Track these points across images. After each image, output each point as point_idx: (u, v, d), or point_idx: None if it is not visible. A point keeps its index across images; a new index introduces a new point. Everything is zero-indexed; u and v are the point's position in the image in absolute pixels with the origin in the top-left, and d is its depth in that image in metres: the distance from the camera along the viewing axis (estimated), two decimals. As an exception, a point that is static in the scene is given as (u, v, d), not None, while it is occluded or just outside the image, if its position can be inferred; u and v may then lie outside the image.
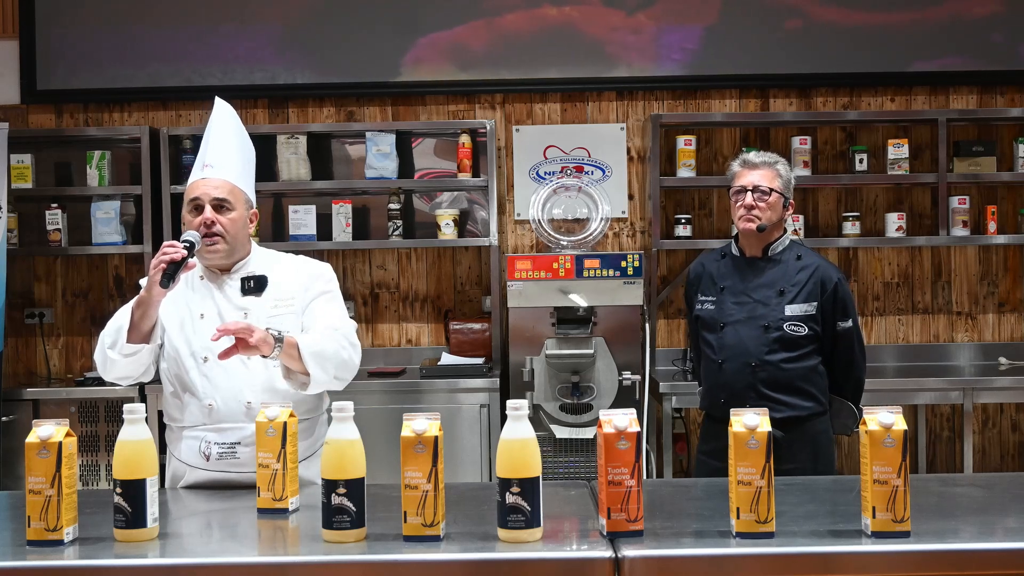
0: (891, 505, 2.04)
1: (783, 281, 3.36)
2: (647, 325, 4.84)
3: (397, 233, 5.19)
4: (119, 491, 2.12)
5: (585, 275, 4.74)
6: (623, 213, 5.38)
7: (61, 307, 5.43)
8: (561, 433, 4.70)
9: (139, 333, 2.72)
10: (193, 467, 2.80)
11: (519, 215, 5.38)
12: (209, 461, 2.78)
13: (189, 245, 2.70)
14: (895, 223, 5.20)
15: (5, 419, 4.81)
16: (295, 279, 2.91)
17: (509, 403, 2.11)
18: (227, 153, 2.89)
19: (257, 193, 3.03)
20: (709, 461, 3.39)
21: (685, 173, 5.17)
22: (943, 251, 5.40)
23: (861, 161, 5.20)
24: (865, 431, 2.07)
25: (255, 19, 5.39)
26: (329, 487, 2.08)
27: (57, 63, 5.38)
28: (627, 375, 4.69)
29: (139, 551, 2.09)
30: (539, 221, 5.10)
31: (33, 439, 2.12)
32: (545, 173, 5.38)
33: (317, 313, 2.86)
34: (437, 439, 2.07)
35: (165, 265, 2.62)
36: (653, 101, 5.41)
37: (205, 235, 2.79)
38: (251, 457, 2.53)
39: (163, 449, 2.78)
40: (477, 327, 5.20)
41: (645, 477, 2.31)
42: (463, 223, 5.33)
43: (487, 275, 5.33)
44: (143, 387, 4.69)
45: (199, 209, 2.81)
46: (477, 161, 5.26)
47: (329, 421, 2.16)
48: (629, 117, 5.42)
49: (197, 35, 5.38)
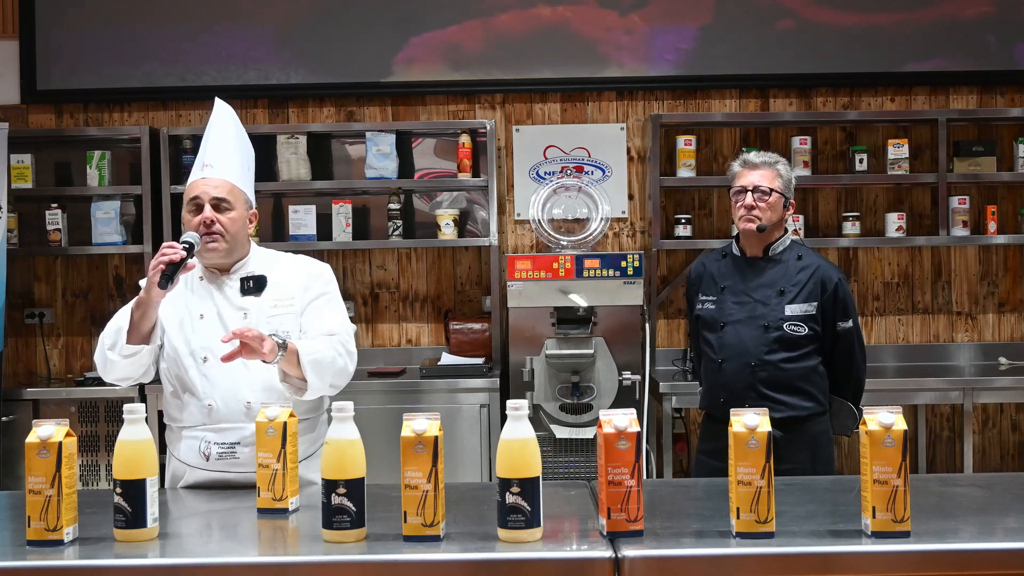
0: (891, 505, 2.04)
1: (783, 281, 3.36)
2: (647, 325, 4.84)
3: (397, 233, 5.19)
4: (119, 491, 2.12)
5: (585, 275, 4.74)
6: (623, 213, 5.38)
7: (61, 307, 5.43)
8: (561, 433, 4.70)
9: (139, 334, 2.72)
10: (193, 467, 2.80)
11: (519, 215, 5.38)
12: (209, 461, 2.78)
13: (188, 246, 2.70)
14: (895, 223, 5.20)
15: (5, 419, 4.81)
16: (295, 279, 2.91)
17: (509, 403, 2.11)
18: (227, 153, 2.89)
19: (257, 193, 3.03)
20: (709, 461, 3.39)
21: (685, 173, 5.17)
22: (943, 251, 5.40)
23: (861, 161, 5.20)
24: (865, 431, 2.07)
25: (255, 19, 5.39)
26: (329, 487, 2.08)
27: (57, 63, 5.38)
28: (627, 375, 4.69)
29: (139, 551, 2.09)
30: (539, 221, 5.10)
31: (33, 439, 2.12)
32: (545, 173, 5.38)
33: (315, 315, 2.86)
34: (437, 439, 2.07)
35: (164, 266, 2.62)
36: (653, 101, 5.41)
37: (204, 234, 2.79)
38: (251, 457, 2.54)
39: (163, 449, 2.78)
40: (477, 327, 5.20)
41: (645, 477, 2.31)
42: (463, 223, 5.33)
43: (487, 275, 5.33)
44: (143, 387, 4.69)
45: (199, 208, 2.81)
46: (477, 161, 5.26)
47: (329, 421, 2.17)
48: (629, 117, 5.42)
49: (197, 35, 5.38)
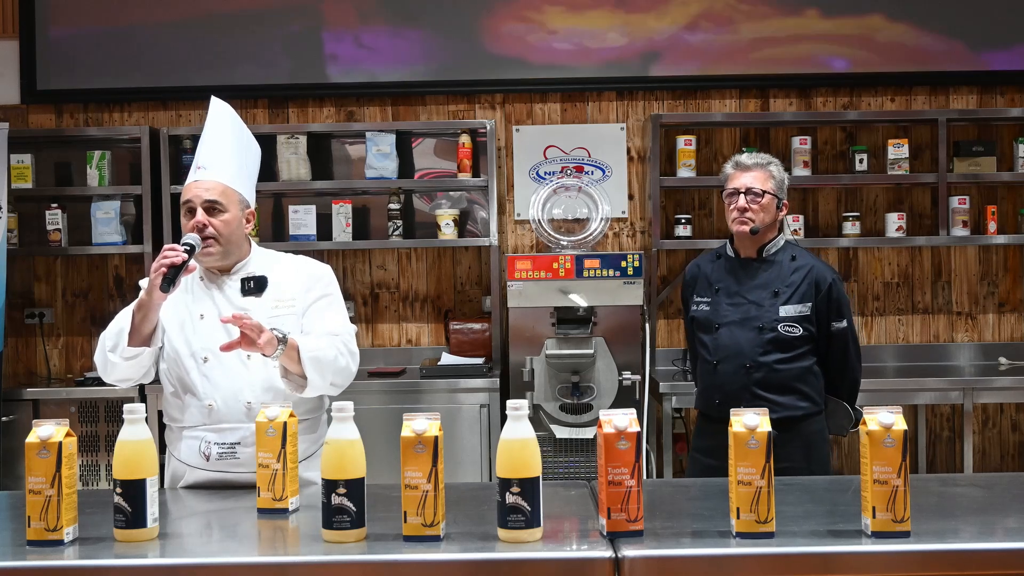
0: (891, 505, 2.04)
1: (777, 282, 3.36)
2: (647, 325, 4.84)
3: (397, 233, 5.19)
4: (119, 491, 2.12)
5: (585, 275, 4.74)
6: (623, 213, 5.38)
7: (61, 307, 5.43)
8: (561, 433, 4.70)
9: (140, 336, 2.72)
10: (193, 467, 2.80)
11: (519, 215, 5.38)
12: (209, 461, 2.77)
13: (189, 248, 2.69)
14: (895, 223, 5.20)
15: (5, 419, 4.81)
16: (295, 279, 2.90)
17: (509, 403, 2.11)
18: (221, 154, 2.87)
19: (257, 193, 3.02)
20: (702, 459, 3.40)
21: (685, 173, 5.17)
22: (943, 251, 5.40)
23: (861, 161, 5.20)
24: (865, 431, 2.07)
25: (255, 19, 5.39)
26: (329, 487, 2.08)
27: (57, 63, 5.38)
28: (627, 375, 4.69)
29: (139, 551, 2.09)
30: (539, 221, 5.10)
31: (33, 439, 2.12)
32: (545, 173, 5.38)
33: (317, 317, 2.86)
34: (437, 439, 2.07)
35: (166, 269, 2.62)
36: (653, 101, 5.41)
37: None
38: (251, 457, 2.53)
39: (163, 449, 2.78)
40: (477, 327, 5.20)
41: (645, 477, 2.31)
42: (463, 223, 5.33)
43: (487, 275, 5.33)
44: (143, 387, 4.69)
45: (192, 212, 2.80)
46: (477, 161, 5.26)
47: (329, 421, 2.17)
48: (629, 117, 5.42)
49: (197, 35, 5.38)
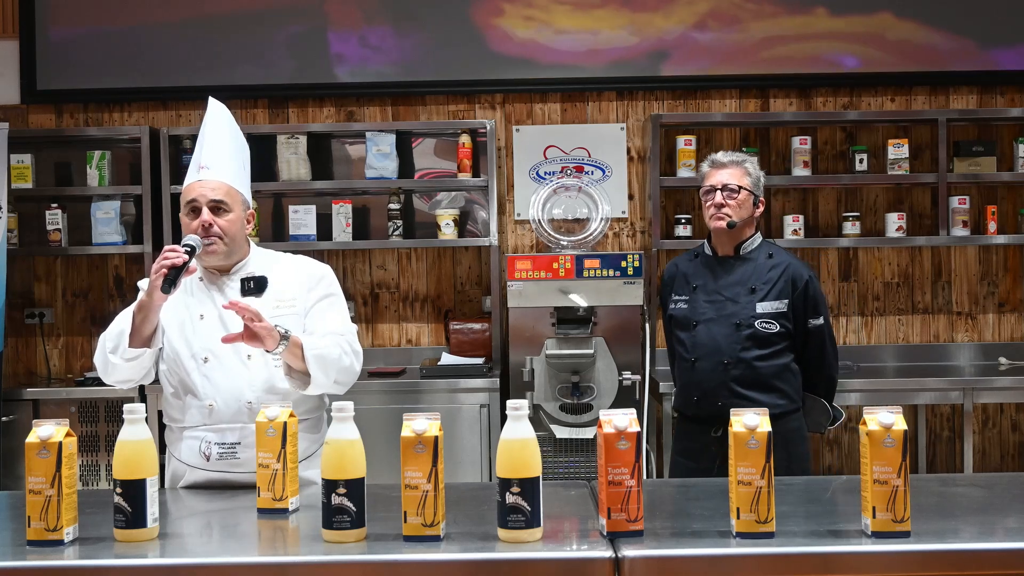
0: (891, 505, 2.04)
1: (755, 279, 3.40)
2: (647, 325, 4.83)
3: (397, 233, 5.19)
4: (119, 491, 2.12)
5: (585, 275, 4.74)
6: (623, 213, 5.38)
7: (61, 307, 5.43)
8: (561, 433, 4.70)
9: (140, 337, 2.72)
10: (193, 467, 2.80)
11: (519, 215, 5.38)
12: (209, 461, 2.78)
13: (190, 249, 2.70)
14: (895, 223, 5.20)
15: (5, 419, 4.81)
16: (295, 279, 2.91)
17: (509, 403, 2.11)
18: (223, 154, 2.87)
19: (257, 193, 3.04)
20: (684, 462, 3.43)
21: (685, 173, 5.17)
22: (943, 251, 5.40)
23: (861, 161, 5.20)
24: (865, 431, 2.07)
25: (255, 19, 5.39)
26: (329, 487, 2.08)
27: (57, 63, 5.38)
28: (627, 375, 4.69)
29: (139, 551, 2.09)
30: (539, 221, 5.10)
31: (33, 439, 2.12)
32: (545, 173, 5.38)
33: (319, 317, 2.87)
34: (437, 439, 2.07)
35: (167, 270, 2.62)
36: (653, 101, 5.41)
37: (203, 237, 2.79)
38: (251, 457, 2.53)
39: (163, 449, 2.78)
40: (477, 327, 5.20)
41: (645, 477, 2.31)
42: (463, 223, 5.33)
43: (487, 275, 5.33)
44: (143, 387, 4.69)
45: (196, 212, 2.80)
46: (477, 161, 5.26)
47: (329, 421, 2.17)
48: (629, 117, 5.42)
49: (197, 35, 5.38)
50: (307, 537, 2.23)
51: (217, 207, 2.81)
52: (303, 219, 5.18)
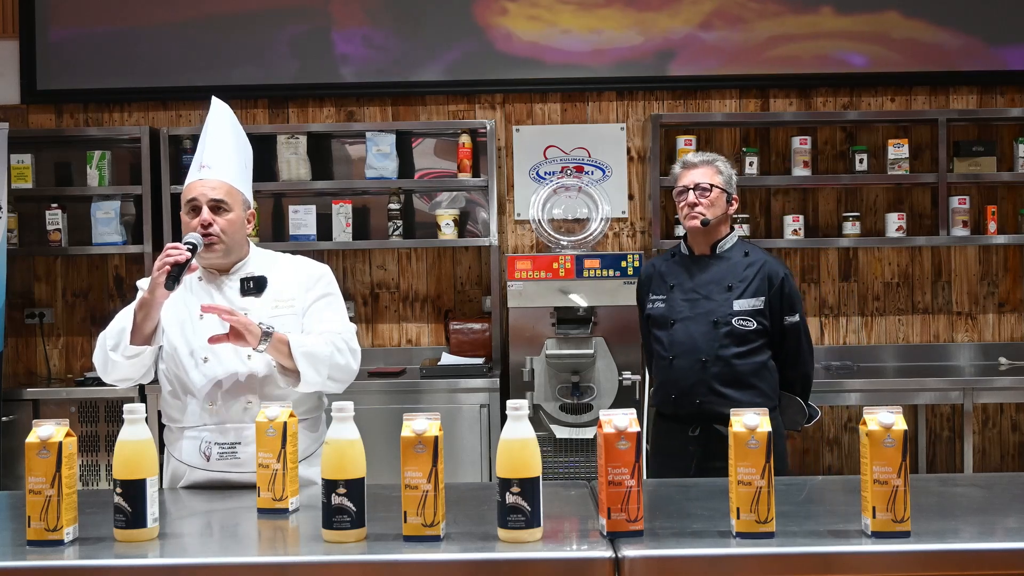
0: (891, 505, 2.04)
1: (731, 277, 3.43)
2: (647, 325, 4.84)
3: (397, 233, 5.19)
4: (119, 491, 2.12)
5: (585, 275, 4.74)
6: (623, 213, 5.38)
7: (61, 307, 5.43)
8: (561, 433, 4.70)
9: (142, 335, 2.72)
10: (193, 467, 2.80)
11: (519, 215, 5.38)
12: (209, 461, 2.77)
13: (192, 247, 2.70)
14: (895, 223, 5.20)
15: (5, 419, 4.81)
16: (294, 279, 2.91)
17: (509, 403, 2.11)
18: (224, 154, 2.88)
19: (257, 193, 3.04)
20: (660, 460, 3.44)
21: (685, 173, 5.17)
22: (943, 251, 5.40)
23: (861, 161, 5.20)
24: (865, 431, 2.07)
25: (255, 19, 5.39)
26: (329, 487, 2.08)
27: (57, 63, 5.38)
28: (627, 375, 4.69)
29: (139, 551, 2.09)
30: (539, 221, 5.10)
31: (33, 439, 2.12)
32: (545, 173, 5.38)
33: (317, 317, 2.87)
34: (437, 439, 2.07)
35: (169, 267, 2.62)
36: (653, 101, 5.41)
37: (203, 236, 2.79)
38: (251, 457, 2.53)
39: (162, 449, 2.78)
40: (477, 327, 5.20)
41: (645, 477, 2.31)
42: (463, 223, 5.33)
43: (487, 275, 5.33)
44: (143, 387, 4.69)
45: (196, 211, 2.80)
46: (477, 161, 5.26)
47: (329, 421, 2.16)
48: (629, 117, 5.42)
49: (197, 35, 5.38)
50: (307, 537, 2.23)
51: (217, 206, 2.81)
52: (303, 219, 5.19)
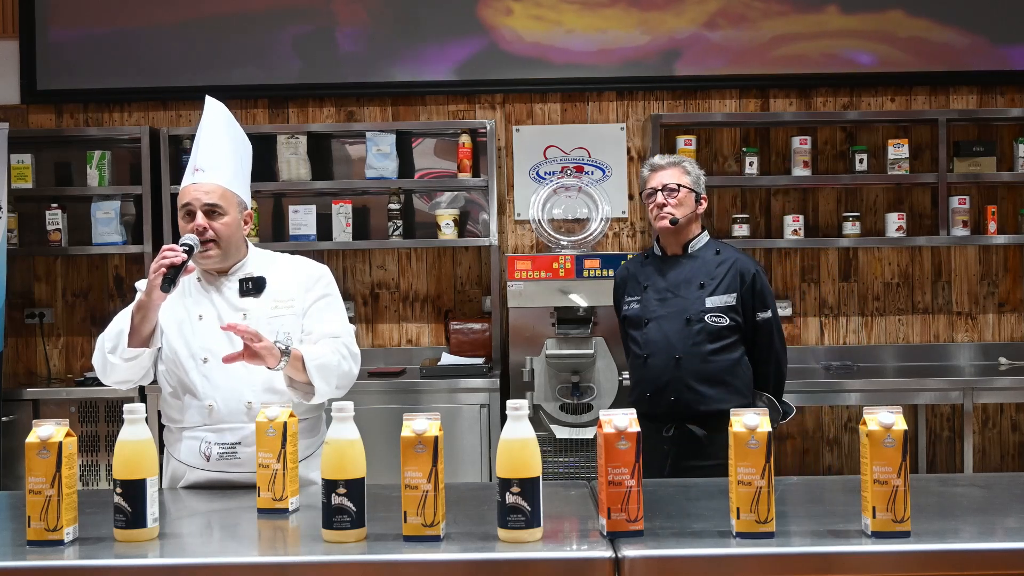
0: (891, 505, 2.04)
1: (703, 274, 3.46)
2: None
3: (397, 233, 5.19)
4: (119, 491, 2.12)
5: (585, 275, 4.74)
6: (623, 213, 5.38)
7: (61, 307, 5.43)
8: (561, 433, 4.70)
9: (139, 337, 2.72)
10: (193, 467, 2.80)
11: (519, 215, 5.38)
12: (209, 461, 2.77)
13: (188, 249, 2.69)
14: (895, 223, 5.20)
15: (5, 419, 4.81)
16: (293, 279, 2.90)
17: (509, 403, 2.11)
18: (218, 155, 2.85)
19: (257, 193, 3.03)
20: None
21: (685, 173, 5.17)
22: (943, 251, 5.40)
23: (861, 161, 5.20)
24: (865, 431, 2.07)
25: (255, 19, 5.39)
26: (329, 487, 2.08)
27: (57, 63, 5.38)
28: (627, 375, 4.68)
29: (139, 551, 2.09)
30: (539, 221, 5.10)
31: (33, 439, 2.12)
32: (545, 173, 5.38)
33: (317, 318, 2.86)
34: (437, 439, 2.07)
35: (165, 269, 2.62)
36: (653, 101, 5.41)
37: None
38: (251, 457, 2.53)
39: (162, 449, 2.78)
40: (477, 327, 5.20)
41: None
42: (463, 223, 5.33)
43: (487, 275, 5.33)
44: (143, 388, 4.68)
45: (191, 215, 2.79)
46: (477, 161, 5.26)
47: (329, 421, 2.16)
48: (629, 117, 5.42)
49: (197, 35, 5.38)
50: (307, 537, 2.23)
51: (212, 210, 2.79)
52: (303, 219, 5.18)
